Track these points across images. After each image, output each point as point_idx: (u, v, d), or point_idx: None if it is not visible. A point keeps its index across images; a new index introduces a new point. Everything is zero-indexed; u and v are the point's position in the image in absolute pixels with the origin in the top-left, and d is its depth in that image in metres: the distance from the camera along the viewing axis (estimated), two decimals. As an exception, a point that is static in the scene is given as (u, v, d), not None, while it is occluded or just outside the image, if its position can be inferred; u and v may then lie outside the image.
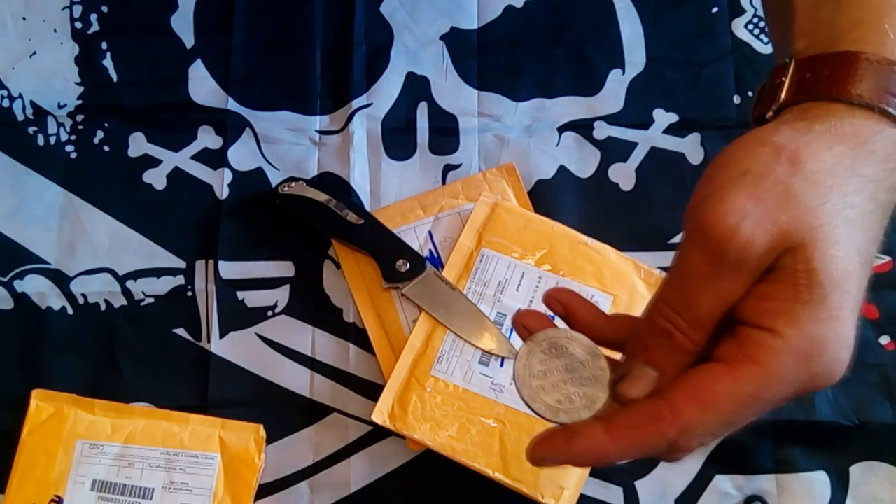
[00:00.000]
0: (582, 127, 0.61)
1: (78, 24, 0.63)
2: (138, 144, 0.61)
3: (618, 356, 0.36)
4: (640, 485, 0.54)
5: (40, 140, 0.60)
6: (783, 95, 0.34)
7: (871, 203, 0.31)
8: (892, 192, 0.31)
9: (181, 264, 0.58)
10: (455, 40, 0.63)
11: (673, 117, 0.61)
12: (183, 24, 0.63)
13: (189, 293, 0.58)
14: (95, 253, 0.58)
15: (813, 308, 0.29)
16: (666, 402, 0.31)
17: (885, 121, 0.31)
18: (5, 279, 0.58)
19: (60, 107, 0.61)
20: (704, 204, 0.31)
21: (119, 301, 0.58)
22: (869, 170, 0.31)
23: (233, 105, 0.61)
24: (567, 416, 0.33)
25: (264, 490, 0.54)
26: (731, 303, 0.31)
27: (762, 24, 0.63)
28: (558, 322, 0.37)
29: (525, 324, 0.36)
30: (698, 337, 0.31)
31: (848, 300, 0.30)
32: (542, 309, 0.55)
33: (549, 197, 0.59)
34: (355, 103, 0.61)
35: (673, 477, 0.54)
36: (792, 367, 0.30)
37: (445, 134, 0.61)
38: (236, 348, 0.57)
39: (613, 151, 0.60)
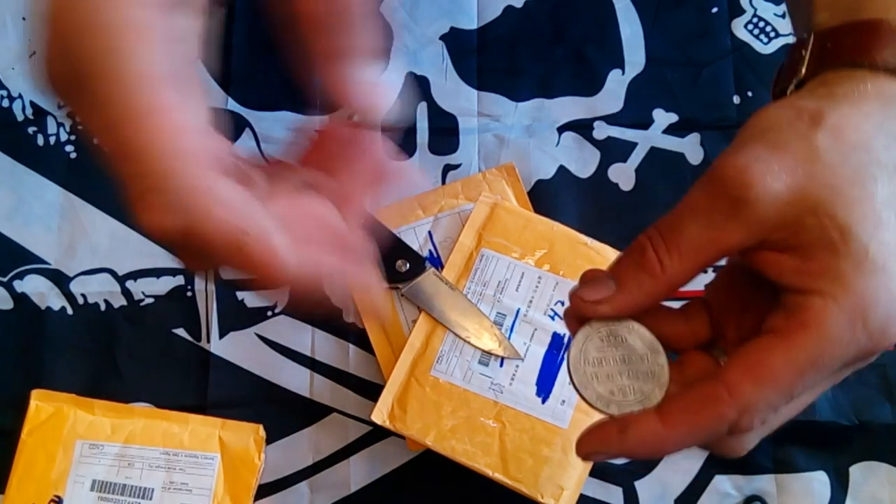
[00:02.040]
0: (582, 127, 0.61)
1: (78, 24, 0.63)
2: (138, 144, 0.61)
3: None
4: (640, 485, 0.54)
5: (40, 140, 0.61)
6: (804, 69, 0.33)
7: None
8: None
9: (181, 264, 0.58)
10: (455, 40, 0.63)
11: (673, 117, 0.61)
12: (183, 24, 0.63)
13: (189, 293, 0.58)
14: (95, 253, 0.58)
15: (856, 261, 0.28)
16: (721, 381, 0.29)
17: None
18: (5, 279, 0.58)
19: (60, 107, 0.61)
20: (722, 153, 0.30)
21: (119, 301, 0.58)
22: None
23: (233, 105, 0.61)
24: (618, 408, 0.32)
25: (264, 490, 0.54)
26: (723, 247, 0.30)
27: (762, 24, 0.63)
28: None
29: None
30: (670, 263, 0.30)
31: (891, 252, 0.28)
32: (543, 310, 0.55)
33: (549, 197, 0.59)
34: (355, 103, 0.61)
35: (673, 477, 0.54)
36: (847, 326, 0.28)
37: (445, 134, 0.61)
38: (236, 348, 0.57)
39: (613, 151, 0.60)
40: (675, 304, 0.57)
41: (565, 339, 0.54)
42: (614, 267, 0.32)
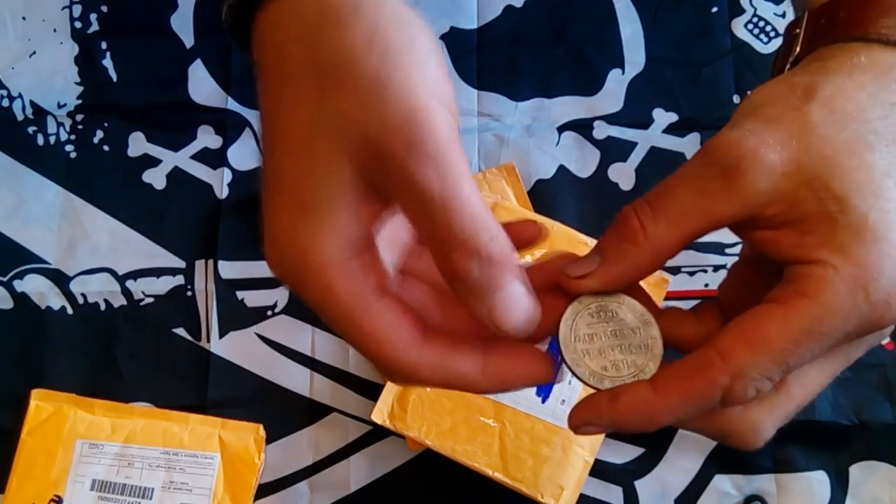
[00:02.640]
0: (582, 127, 0.61)
1: (78, 24, 0.63)
2: (138, 144, 0.61)
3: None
4: (640, 484, 0.54)
5: (40, 140, 0.61)
6: (799, 47, 0.33)
7: None
8: None
9: (181, 264, 0.58)
10: (454, 40, 0.63)
11: (673, 117, 0.61)
12: (183, 24, 0.63)
13: (189, 293, 0.58)
14: (95, 253, 0.58)
15: (856, 230, 0.27)
16: (713, 347, 0.29)
17: None
18: (5, 279, 0.58)
19: (60, 106, 0.61)
20: (714, 136, 0.29)
21: (119, 301, 0.58)
22: (895, 97, 0.29)
23: (232, 105, 0.61)
24: (611, 383, 0.31)
25: (264, 490, 0.54)
26: (713, 217, 0.29)
27: (762, 23, 0.63)
28: None
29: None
30: (655, 230, 0.29)
31: (892, 220, 0.27)
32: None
33: (549, 197, 0.59)
34: (355, 103, 0.61)
35: (673, 476, 0.54)
36: (847, 296, 0.27)
37: (445, 134, 0.61)
38: (236, 348, 0.57)
39: (613, 151, 0.60)
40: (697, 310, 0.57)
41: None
42: (599, 241, 0.31)
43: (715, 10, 0.63)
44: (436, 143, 0.27)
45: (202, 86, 0.62)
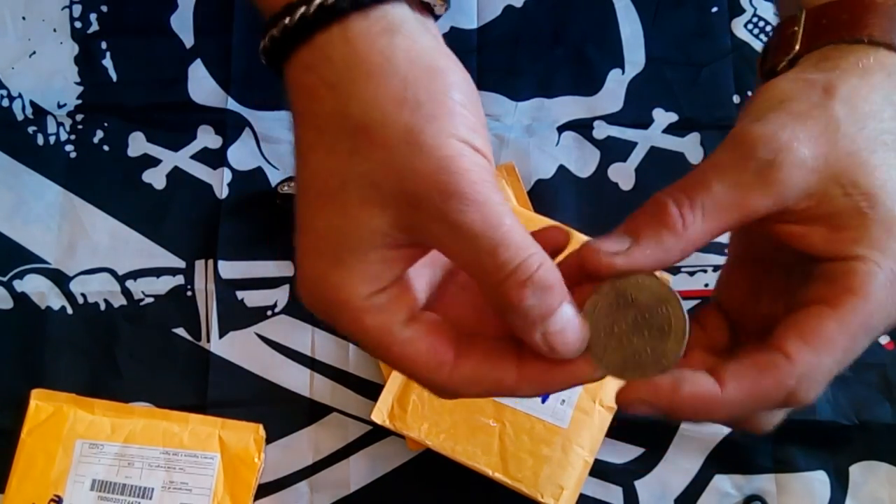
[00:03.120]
0: (581, 126, 0.61)
1: (77, 24, 0.63)
2: (138, 144, 0.61)
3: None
4: (640, 484, 0.54)
5: (40, 140, 0.61)
6: (798, 45, 0.33)
7: None
8: None
9: (181, 264, 0.58)
10: (454, 40, 0.63)
11: (672, 117, 0.61)
12: (183, 24, 0.63)
13: (189, 293, 0.58)
14: (95, 252, 0.58)
15: (887, 226, 0.28)
16: (777, 350, 0.29)
17: None
18: (5, 279, 0.58)
19: (60, 106, 0.61)
20: (741, 123, 0.30)
21: (119, 301, 0.58)
22: None
23: (232, 105, 0.61)
24: (633, 374, 0.30)
25: (264, 490, 0.54)
26: (747, 210, 0.29)
27: (762, 23, 0.63)
28: None
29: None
30: (692, 220, 0.29)
31: None
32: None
33: (549, 197, 0.59)
34: (355, 103, 0.61)
35: (673, 476, 0.54)
36: (890, 288, 0.28)
37: (445, 134, 0.61)
38: (236, 348, 0.57)
39: (613, 151, 0.60)
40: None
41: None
42: (628, 224, 0.31)
43: (715, 10, 0.63)
44: (469, 184, 0.28)
45: (202, 86, 0.62)
